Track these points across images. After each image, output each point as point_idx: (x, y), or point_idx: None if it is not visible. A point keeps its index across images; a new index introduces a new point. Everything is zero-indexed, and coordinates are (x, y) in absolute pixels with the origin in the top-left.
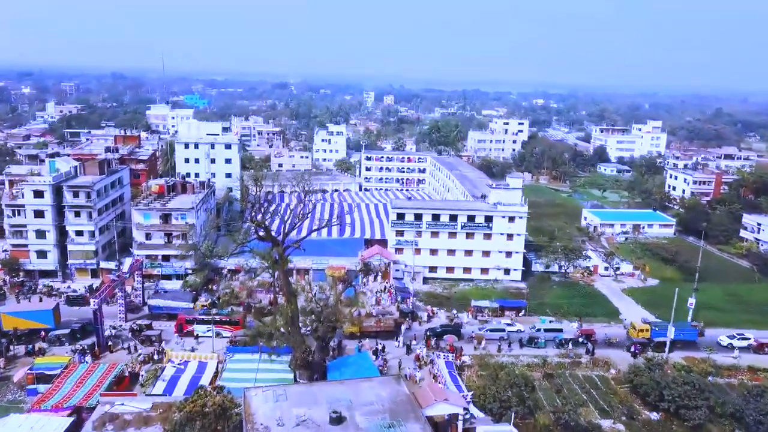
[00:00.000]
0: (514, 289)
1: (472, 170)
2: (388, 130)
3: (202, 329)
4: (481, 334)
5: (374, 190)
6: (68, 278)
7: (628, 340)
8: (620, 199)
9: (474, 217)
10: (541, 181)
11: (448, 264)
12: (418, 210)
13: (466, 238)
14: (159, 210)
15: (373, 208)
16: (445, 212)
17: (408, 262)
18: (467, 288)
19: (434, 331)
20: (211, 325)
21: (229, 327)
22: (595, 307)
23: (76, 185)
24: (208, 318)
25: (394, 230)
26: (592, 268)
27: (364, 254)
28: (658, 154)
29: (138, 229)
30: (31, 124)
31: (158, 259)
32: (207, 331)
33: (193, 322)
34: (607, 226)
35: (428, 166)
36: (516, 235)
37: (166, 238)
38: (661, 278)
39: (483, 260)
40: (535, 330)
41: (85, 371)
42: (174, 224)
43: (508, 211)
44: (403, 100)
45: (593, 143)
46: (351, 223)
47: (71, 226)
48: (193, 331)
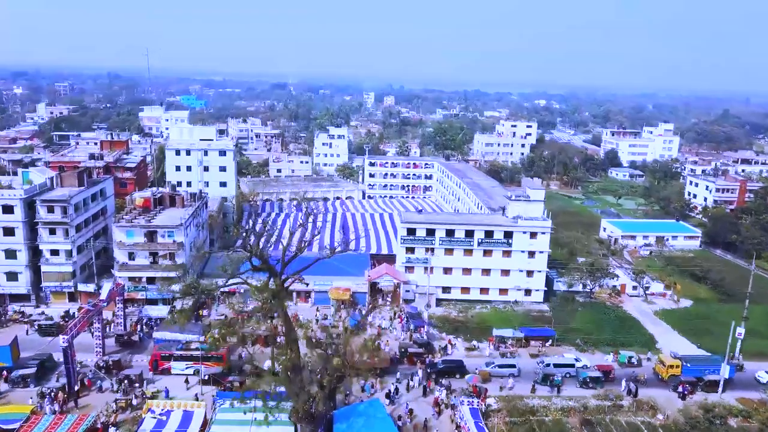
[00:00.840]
0: (536, 312)
1: (483, 178)
2: (391, 133)
3: (180, 366)
4: (487, 371)
5: (378, 198)
6: (42, 302)
7: (655, 375)
8: (637, 207)
9: (492, 232)
10: (551, 187)
11: (463, 284)
12: (430, 225)
13: (483, 255)
14: (143, 227)
15: (378, 219)
16: (460, 227)
17: (419, 282)
18: (485, 311)
19: (435, 368)
20: (190, 362)
21: (211, 364)
22: (627, 334)
23: (50, 199)
24: (187, 354)
25: (403, 247)
26: (620, 287)
27: (371, 274)
28: (671, 158)
29: (120, 249)
30: (20, 126)
31: (142, 282)
32: (186, 368)
33: (170, 358)
34: (629, 238)
35: (435, 173)
36: (538, 252)
37: (152, 258)
38: (694, 298)
39: (502, 280)
40: (544, 365)
41: (50, 424)
42: (160, 243)
43: (529, 226)
44: (403, 100)
45: (604, 146)
46: (355, 237)
47: (45, 244)
48: (170, 368)
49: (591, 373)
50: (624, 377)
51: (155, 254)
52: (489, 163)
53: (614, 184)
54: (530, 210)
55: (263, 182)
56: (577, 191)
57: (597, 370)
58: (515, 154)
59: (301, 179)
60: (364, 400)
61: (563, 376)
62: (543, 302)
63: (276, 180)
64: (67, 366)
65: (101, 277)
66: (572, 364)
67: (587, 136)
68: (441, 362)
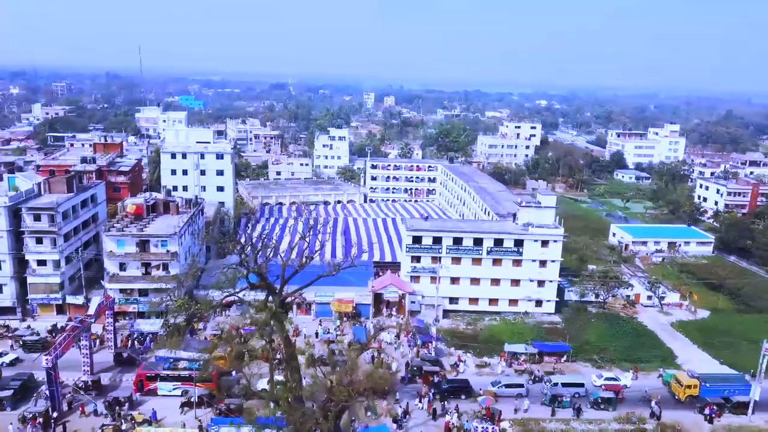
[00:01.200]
0: (548, 323)
1: (489, 181)
2: (392, 133)
3: (167, 387)
4: (493, 391)
5: (381, 202)
6: (29, 315)
7: (670, 395)
8: (645, 211)
9: (502, 240)
10: (557, 189)
11: (471, 295)
12: (437, 233)
13: (492, 264)
14: (135, 236)
15: (381, 224)
16: (468, 235)
17: (425, 292)
18: (495, 323)
19: (439, 388)
20: (177, 382)
21: (200, 384)
22: (645, 348)
23: (37, 206)
24: (175, 374)
25: (409, 256)
26: (633, 297)
27: (375, 284)
28: (677, 160)
29: (110, 259)
30: (15, 127)
31: (134, 294)
32: (173, 389)
33: (156, 378)
34: (640, 244)
35: (439, 176)
36: (550, 261)
37: (144, 268)
38: (711, 309)
39: (512, 290)
40: (552, 385)
41: None
42: (153, 253)
43: (541, 234)
44: (403, 101)
45: (609, 148)
46: (357, 243)
47: (32, 254)
48: (156, 389)
49: (602, 393)
50: (637, 397)
51: (148, 265)
52: (493, 165)
53: (620, 186)
54: (541, 216)
55: (262, 185)
56: (583, 194)
57: (607, 390)
58: (519, 156)
59: (301, 182)
60: (370, 426)
61: (572, 397)
62: (554, 313)
63: (275, 183)
64: (50, 389)
65: (91, 289)
66: (582, 383)
67: (590, 137)
68: (445, 382)
